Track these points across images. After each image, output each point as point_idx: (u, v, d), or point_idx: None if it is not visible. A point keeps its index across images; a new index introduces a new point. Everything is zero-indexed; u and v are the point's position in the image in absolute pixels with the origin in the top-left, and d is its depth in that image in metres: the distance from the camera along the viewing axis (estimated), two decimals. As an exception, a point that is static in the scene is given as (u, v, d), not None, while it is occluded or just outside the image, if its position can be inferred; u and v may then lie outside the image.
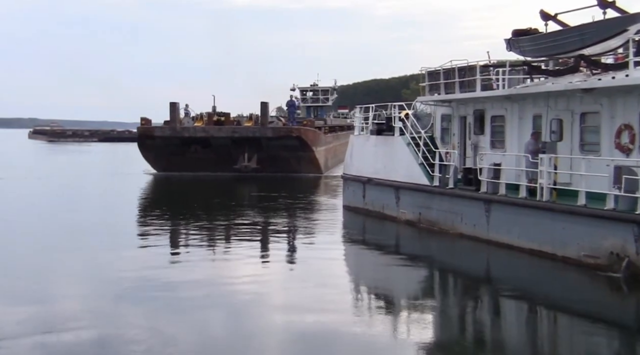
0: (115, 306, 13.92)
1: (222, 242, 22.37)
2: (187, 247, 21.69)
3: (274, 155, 46.72)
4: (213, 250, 20.95)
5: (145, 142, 49.15)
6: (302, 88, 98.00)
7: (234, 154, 46.25)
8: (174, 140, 47.85)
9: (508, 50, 23.55)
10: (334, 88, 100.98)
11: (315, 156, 49.08)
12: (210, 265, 18.72)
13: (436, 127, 27.04)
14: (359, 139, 30.24)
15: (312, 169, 48.94)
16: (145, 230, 24.90)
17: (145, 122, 49.73)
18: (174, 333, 12.15)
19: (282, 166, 47.07)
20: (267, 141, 46.81)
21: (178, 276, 16.98)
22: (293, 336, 12.24)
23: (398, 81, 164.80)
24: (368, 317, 13.53)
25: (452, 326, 13.41)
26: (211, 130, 48.11)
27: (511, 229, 19.92)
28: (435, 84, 25.98)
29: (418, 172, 24.69)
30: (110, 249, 20.54)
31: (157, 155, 49.19)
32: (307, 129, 49.24)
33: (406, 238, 23.91)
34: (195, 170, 46.65)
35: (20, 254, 19.61)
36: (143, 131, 49.26)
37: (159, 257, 19.54)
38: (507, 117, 22.82)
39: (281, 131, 47.79)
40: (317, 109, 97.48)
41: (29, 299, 14.45)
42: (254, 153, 46.37)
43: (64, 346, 11.38)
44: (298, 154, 47.41)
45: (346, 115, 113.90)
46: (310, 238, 23.21)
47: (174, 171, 47.77)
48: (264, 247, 21.92)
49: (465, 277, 17.95)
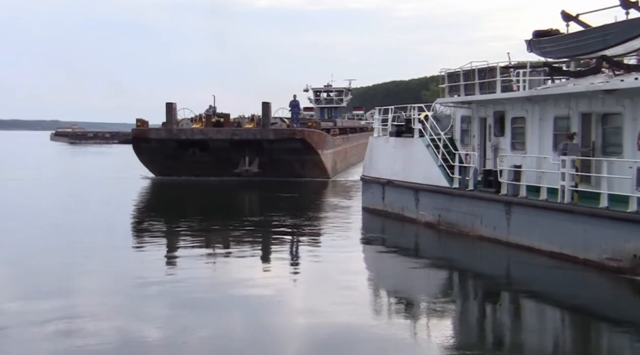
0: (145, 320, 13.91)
1: (240, 244, 22.29)
2: (199, 249, 21.65)
3: (276, 158, 44.16)
4: (231, 252, 20.91)
5: (140, 145, 46.44)
6: (315, 89, 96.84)
7: (234, 157, 43.97)
8: (170, 143, 45.11)
9: (529, 51, 23.36)
10: (348, 89, 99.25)
11: (321, 159, 46.14)
12: (229, 267, 18.70)
13: (456, 128, 26.90)
14: (378, 140, 30.14)
15: (318, 173, 46.28)
16: (159, 235, 24.96)
17: (141, 124, 46.69)
18: (196, 331, 12.18)
19: (285, 170, 44.64)
20: (268, 144, 44.15)
21: (196, 279, 17.00)
22: (313, 337, 12.20)
23: (418, 83, 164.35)
24: (388, 319, 13.47)
25: (473, 329, 13.30)
26: (209, 132, 45.11)
27: (532, 231, 19.75)
28: (455, 85, 25.85)
29: (437, 174, 24.57)
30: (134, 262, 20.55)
31: (152, 159, 46.75)
32: (311, 130, 46.19)
33: (426, 240, 23.80)
34: (193, 175, 44.62)
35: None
36: (137, 133, 46.29)
37: (173, 259, 19.59)
38: (528, 118, 22.63)
39: (284, 133, 44.72)
40: (331, 110, 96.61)
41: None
42: (255, 156, 43.98)
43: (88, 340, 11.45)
44: (302, 158, 44.63)
45: (361, 117, 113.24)
46: (330, 239, 23.14)
47: (171, 175, 45.56)
48: (283, 248, 21.87)
49: (485, 280, 17.80)
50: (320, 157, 45.74)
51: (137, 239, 23.38)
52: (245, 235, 23.82)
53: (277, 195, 37.42)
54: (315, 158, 45.37)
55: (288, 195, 37.13)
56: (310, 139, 44.53)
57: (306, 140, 44.12)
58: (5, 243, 21.41)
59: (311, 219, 28.28)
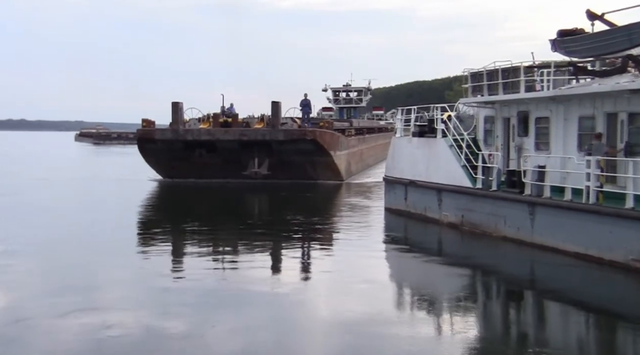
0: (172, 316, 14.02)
1: (260, 243, 22.34)
2: (218, 248, 21.74)
3: (286, 160, 42.21)
4: (251, 252, 20.98)
5: (145, 146, 44.64)
6: (334, 88, 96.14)
7: (242, 158, 42.02)
8: (176, 144, 43.36)
9: (553, 50, 23.18)
10: (367, 88, 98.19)
11: (334, 161, 44.10)
12: (250, 265, 18.74)
13: (479, 128, 26.79)
14: (401, 140, 30.09)
15: (331, 175, 44.30)
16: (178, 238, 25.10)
17: (146, 124, 44.85)
18: (217, 326, 12.31)
19: (296, 172, 42.72)
20: (278, 145, 42.18)
21: (217, 277, 17.15)
22: (335, 336, 12.18)
23: (441, 83, 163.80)
24: (411, 319, 13.45)
25: (496, 330, 13.25)
26: (217, 132, 43.19)
27: (556, 232, 19.61)
28: (478, 85, 25.74)
29: (461, 174, 24.48)
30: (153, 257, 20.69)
31: (159, 160, 45.13)
32: (323, 131, 43.88)
33: (448, 240, 23.71)
34: (200, 177, 43.14)
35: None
36: (142, 134, 44.54)
37: (195, 259, 19.71)
38: (552, 118, 22.48)
39: (294, 134, 42.58)
40: (351, 110, 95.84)
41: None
42: (264, 158, 42.04)
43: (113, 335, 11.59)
44: (313, 159, 42.62)
45: (381, 117, 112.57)
46: (353, 239, 23.12)
47: (178, 177, 44.16)
48: (306, 248, 21.91)
49: (509, 280, 17.70)
50: (333, 158, 43.92)
51: (150, 241, 23.47)
52: (265, 235, 23.90)
53: (292, 196, 37.26)
54: (328, 159, 43.51)
55: (302, 196, 37.04)
56: (321, 139, 42.72)
57: (317, 141, 42.27)
58: (28, 240, 21.69)
59: (332, 219, 28.28)
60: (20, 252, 19.85)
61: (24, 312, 13.38)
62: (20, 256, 19.21)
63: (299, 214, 29.03)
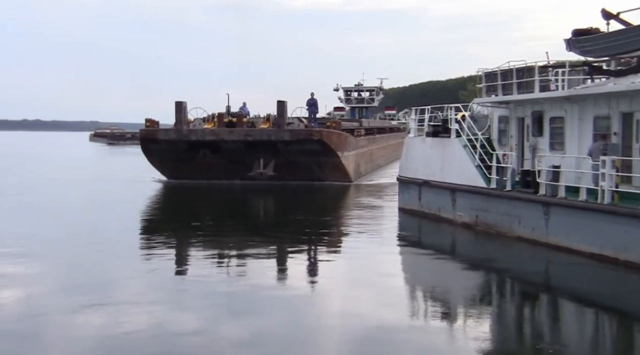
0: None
1: (276, 244, 22.37)
2: (231, 250, 21.74)
3: (293, 161, 41.12)
4: (268, 251, 21.02)
5: (148, 146, 43.77)
6: (345, 88, 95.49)
7: (248, 159, 40.96)
8: (180, 145, 42.47)
9: (568, 50, 23.09)
10: (379, 88, 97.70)
11: (342, 162, 42.99)
12: (263, 266, 18.81)
13: (493, 128, 26.72)
14: (414, 140, 30.06)
15: (339, 176, 43.15)
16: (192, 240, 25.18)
17: (150, 124, 43.84)
18: (234, 328, 12.35)
19: (302, 173, 41.67)
20: (284, 145, 41.13)
21: (230, 277, 17.23)
22: (349, 337, 12.19)
23: (455, 83, 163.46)
24: (425, 320, 13.43)
25: (511, 331, 13.20)
26: (221, 133, 42.06)
27: (571, 232, 19.53)
28: (492, 85, 25.67)
29: (475, 174, 24.43)
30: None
31: (162, 161, 44.29)
32: (330, 131, 42.75)
33: (463, 241, 23.67)
34: (205, 178, 42.13)
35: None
36: (145, 134, 43.76)
37: (211, 259, 19.77)
38: (567, 118, 22.39)
39: (300, 134, 41.42)
40: (363, 110, 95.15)
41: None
42: (270, 159, 40.97)
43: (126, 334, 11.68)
44: (320, 160, 41.51)
45: (393, 117, 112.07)
46: (367, 239, 23.15)
47: (182, 178, 43.20)
48: (319, 248, 21.92)
49: (523, 281, 17.62)
50: (340, 159, 42.83)
51: (156, 244, 23.58)
52: (276, 236, 23.91)
53: (300, 197, 37.09)
54: (335, 160, 42.43)
55: (310, 197, 36.89)
56: (328, 140, 41.64)
57: (324, 142, 41.20)
58: (43, 240, 21.86)
59: (345, 220, 28.28)
60: (31, 252, 20.03)
61: (39, 308, 13.58)
62: (31, 256, 19.38)
63: (310, 215, 29.05)
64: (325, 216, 28.69)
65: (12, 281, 16.19)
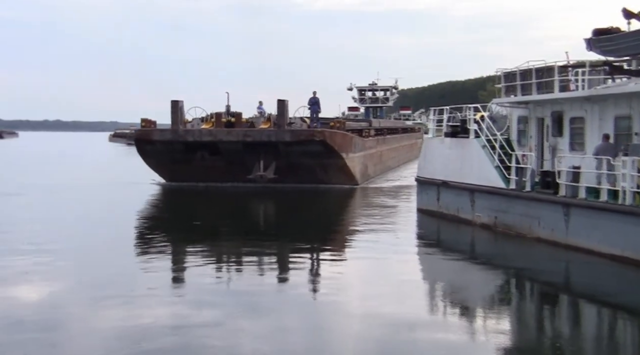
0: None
1: (293, 244, 22.39)
2: (247, 251, 21.61)
3: (294, 163, 38.95)
4: (286, 252, 21.01)
5: (144, 147, 41.75)
6: (360, 87, 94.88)
7: (248, 161, 38.82)
8: (176, 146, 40.33)
9: (588, 50, 22.89)
10: (394, 87, 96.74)
11: (346, 164, 40.58)
12: (282, 266, 18.85)
13: (512, 129, 26.57)
14: (433, 141, 29.96)
15: (344, 179, 40.82)
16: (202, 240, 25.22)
17: (146, 124, 41.85)
18: (253, 328, 12.38)
19: (305, 176, 39.42)
20: (285, 146, 38.92)
21: (249, 279, 17.26)
22: (369, 338, 12.17)
23: (474, 83, 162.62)
24: (444, 321, 13.38)
25: (530, 333, 13.11)
26: (219, 133, 39.91)
27: (591, 233, 19.37)
28: (511, 85, 25.53)
29: (494, 175, 24.30)
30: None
31: (159, 163, 42.33)
32: (333, 131, 40.33)
33: (482, 242, 23.56)
34: (203, 180, 40.30)
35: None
36: (139, 135, 41.90)
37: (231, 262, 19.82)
38: (587, 118, 22.21)
39: (301, 134, 39.17)
40: (377, 110, 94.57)
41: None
42: (271, 160, 38.75)
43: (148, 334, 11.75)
44: (323, 162, 39.28)
45: (408, 117, 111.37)
46: (386, 239, 23.09)
47: (180, 181, 41.35)
48: (338, 248, 21.93)
49: (543, 282, 17.51)
50: (345, 160, 40.42)
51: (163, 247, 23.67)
52: (298, 235, 23.95)
53: (305, 200, 36.48)
54: (339, 162, 40.06)
55: (318, 200, 36.47)
56: (331, 140, 39.33)
57: (327, 143, 38.91)
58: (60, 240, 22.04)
59: (363, 220, 28.23)
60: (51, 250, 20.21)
61: (61, 302, 13.84)
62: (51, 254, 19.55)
63: (327, 216, 29.04)
64: (337, 217, 28.63)
65: (35, 276, 16.56)
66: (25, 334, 12.03)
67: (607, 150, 19.96)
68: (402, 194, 38.12)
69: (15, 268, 17.40)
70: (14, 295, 14.94)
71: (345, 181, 40.92)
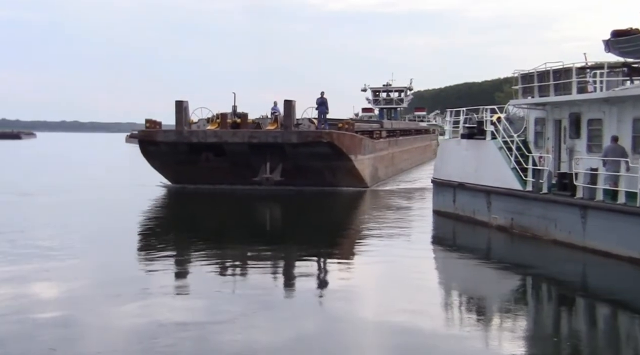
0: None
1: (310, 245, 22.43)
2: (263, 253, 21.72)
3: (302, 165, 38.03)
4: (302, 253, 21.03)
5: (147, 148, 41.05)
6: (374, 88, 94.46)
7: (254, 163, 37.99)
8: (181, 147, 39.60)
9: (606, 51, 22.80)
10: (408, 88, 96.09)
11: (355, 166, 39.59)
12: (298, 268, 18.88)
13: (529, 130, 26.46)
14: (449, 143, 29.90)
15: (353, 182, 39.91)
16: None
17: (150, 125, 41.10)
18: (271, 329, 12.45)
19: (312, 178, 38.53)
20: (291, 148, 38.06)
21: (265, 280, 17.33)
22: (385, 339, 12.21)
23: (491, 84, 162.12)
24: (460, 324, 13.34)
25: (546, 337, 12.97)
26: (224, 134, 39.09)
27: (609, 236, 19.25)
28: (528, 86, 25.43)
29: (510, 177, 24.22)
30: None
31: (163, 165, 41.56)
32: (341, 133, 39.28)
33: (498, 244, 23.49)
34: (208, 182, 39.41)
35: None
36: (143, 136, 41.27)
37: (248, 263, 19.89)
38: (605, 120, 22.08)
39: (308, 136, 38.18)
40: (391, 111, 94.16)
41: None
42: (277, 162, 37.92)
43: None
44: (332, 164, 38.40)
45: (423, 118, 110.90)
46: (401, 241, 23.09)
47: (185, 183, 40.61)
48: (353, 250, 21.93)
49: (560, 285, 17.43)
50: (354, 163, 39.43)
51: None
52: (313, 236, 23.98)
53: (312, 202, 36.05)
54: (348, 164, 39.09)
55: (327, 203, 36.16)
56: (339, 142, 38.36)
57: (335, 144, 37.98)
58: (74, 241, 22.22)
59: (378, 221, 28.22)
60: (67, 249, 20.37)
61: (78, 300, 13.99)
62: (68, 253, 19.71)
63: (343, 218, 29.06)
64: (358, 218, 28.64)
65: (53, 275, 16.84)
66: (47, 329, 12.34)
67: (616, 152, 19.95)
68: (414, 196, 37.93)
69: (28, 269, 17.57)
70: (34, 292, 15.16)
71: (355, 184, 40.04)
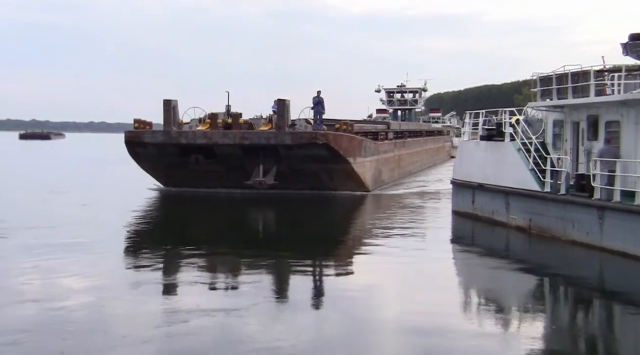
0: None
1: (328, 246, 22.76)
2: (279, 256, 21.62)
3: (297, 168, 36.40)
4: (321, 254, 21.31)
5: (135, 150, 39.11)
6: (388, 89, 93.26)
7: (247, 165, 36.37)
8: (170, 149, 37.75)
9: (625, 54, 23.01)
10: (423, 89, 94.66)
11: (353, 169, 37.47)
12: (315, 268, 19.19)
13: (548, 132, 26.69)
14: (468, 144, 30.20)
15: (352, 185, 37.95)
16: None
17: (139, 125, 39.28)
18: (290, 330, 12.66)
19: (309, 182, 36.96)
20: (286, 150, 36.07)
21: (283, 282, 17.68)
22: (403, 340, 12.42)
23: (510, 87, 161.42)
24: (479, 325, 13.51)
25: (565, 337, 13.17)
26: (214, 136, 37.02)
27: (626, 236, 19.48)
28: (547, 89, 25.68)
29: (529, 178, 24.48)
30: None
31: (153, 167, 39.83)
32: (338, 134, 37.06)
33: (516, 244, 23.74)
34: (199, 186, 38.04)
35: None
36: (130, 137, 38.82)
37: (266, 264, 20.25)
38: (623, 123, 22.29)
39: (302, 137, 36.06)
40: (405, 112, 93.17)
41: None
42: (271, 165, 36.11)
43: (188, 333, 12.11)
44: (329, 167, 36.58)
45: (437, 119, 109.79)
46: (420, 242, 23.39)
47: (176, 186, 39.07)
48: (372, 249, 22.17)
49: (578, 286, 17.63)
50: (352, 166, 37.26)
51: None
52: (330, 236, 24.29)
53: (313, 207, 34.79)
54: (346, 167, 36.98)
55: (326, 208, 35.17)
56: (336, 144, 36.17)
57: (331, 146, 35.84)
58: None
59: (397, 221, 28.51)
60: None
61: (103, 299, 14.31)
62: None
63: (361, 217, 29.29)
64: (376, 218, 28.92)
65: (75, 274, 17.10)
66: (73, 323, 12.79)
67: (610, 153, 20.97)
68: (426, 198, 37.68)
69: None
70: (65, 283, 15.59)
71: (354, 187, 38.18)
